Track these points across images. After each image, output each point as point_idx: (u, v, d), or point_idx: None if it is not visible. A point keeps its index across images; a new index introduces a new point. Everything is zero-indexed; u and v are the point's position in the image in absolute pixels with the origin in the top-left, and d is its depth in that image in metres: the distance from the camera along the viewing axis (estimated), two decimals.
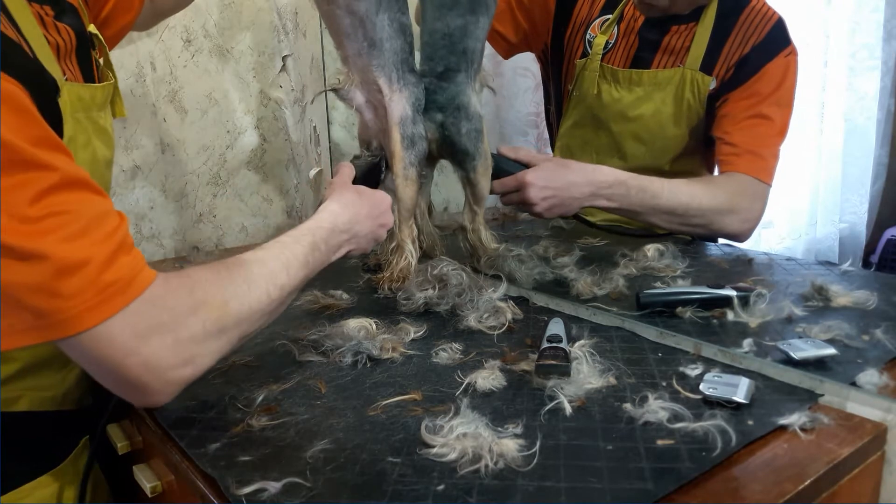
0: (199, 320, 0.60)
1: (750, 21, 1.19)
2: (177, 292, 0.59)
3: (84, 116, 0.75)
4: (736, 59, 1.19)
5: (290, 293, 0.73)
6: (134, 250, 0.58)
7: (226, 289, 0.63)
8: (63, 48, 0.73)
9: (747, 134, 1.18)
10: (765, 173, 1.17)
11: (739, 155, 1.17)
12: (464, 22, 1.03)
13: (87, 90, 0.76)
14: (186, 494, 0.66)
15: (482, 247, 1.11)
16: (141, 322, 0.56)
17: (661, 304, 0.91)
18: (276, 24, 1.50)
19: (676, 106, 1.23)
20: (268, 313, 0.69)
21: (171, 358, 0.58)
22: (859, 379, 0.70)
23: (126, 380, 0.57)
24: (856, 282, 1.01)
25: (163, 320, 0.57)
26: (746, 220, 1.17)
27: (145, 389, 0.58)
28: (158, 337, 0.57)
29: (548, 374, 0.72)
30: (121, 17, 0.92)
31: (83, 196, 0.56)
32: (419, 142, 1.02)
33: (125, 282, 0.55)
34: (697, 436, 0.63)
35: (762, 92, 1.18)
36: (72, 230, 0.54)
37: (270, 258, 0.71)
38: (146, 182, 1.38)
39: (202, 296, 0.61)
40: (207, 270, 0.64)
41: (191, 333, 0.59)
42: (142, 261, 0.58)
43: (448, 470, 0.59)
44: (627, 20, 1.27)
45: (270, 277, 0.69)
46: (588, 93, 1.29)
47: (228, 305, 0.63)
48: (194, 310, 0.60)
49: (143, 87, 1.35)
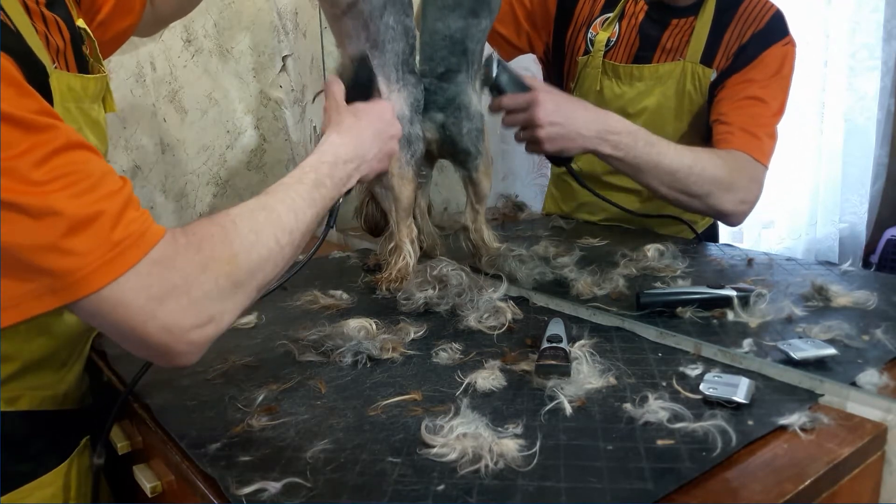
0: (211, 278, 0.59)
1: (749, 12, 1.20)
2: (185, 252, 0.58)
3: (75, 107, 0.75)
4: (735, 48, 1.20)
5: (304, 235, 0.71)
6: (141, 208, 0.58)
7: (233, 242, 0.62)
8: (53, 40, 0.73)
9: (742, 114, 1.17)
10: (760, 152, 1.14)
11: (734, 133, 1.15)
12: (465, 23, 1.03)
13: (79, 80, 0.75)
14: (186, 494, 0.66)
15: (484, 246, 1.11)
16: (153, 284, 0.56)
17: (661, 304, 0.91)
18: (276, 24, 1.50)
19: (678, 99, 1.24)
20: (282, 259, 0.67)
21: (191, 318, 0.58)
22: (859, 379, 0.70)
23: (149, 344, 0.57)
24: (856, 282, 1.01)
25: (175, 282, 0.57)
26: (743, 201, 1.13)
27: (170, 352, 0.58)
28: (173, 299, 0.57)
29: (548, 374, 0.72)
30: (120, 20, 0.92)
31: (87, 156, 0.56)
32: (416, 142, 1.02)
33: (136, 236, 0.55)
34: (697, 436, 0.63)
35: (758, 77, 1.18)
36: (81, 187, 0.54)
37: (275, 202, 0.69)
38: (146, 182, 1.38)
39: (210, 252, 0.60)
40: (213, 224, 0.63)
41: (204, 292, 0.59)
42: (150, 217, 0.58)
43: (448, 470, 0.59)
44: (628, 17, 1.28)
45: (278, 223, 0.67)
46: (590, 90, 1.30)
47: (238, 259, 0.62)
48: (204, 267, 0.59)
49: (143, 87, 1.35)
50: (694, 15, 1.22)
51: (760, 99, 1.18)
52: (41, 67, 0.68)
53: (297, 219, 0.70)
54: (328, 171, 0.77)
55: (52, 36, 0.73)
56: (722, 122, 1.18)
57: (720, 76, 1.21)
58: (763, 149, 1.15)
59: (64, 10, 0.77)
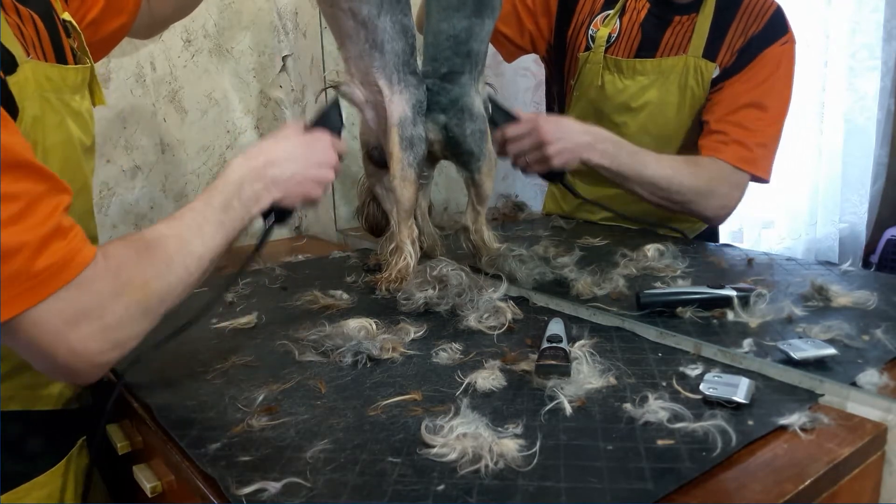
0: (123, 304, 0.61)
1: (751, 10, 1.21)
2: (103, 276, 0.60)
3: (55, 97, 0.75)
4: (739, 44, 1.20)
5: (213, 260, 0.72)
6: (71, 232, 0.59)
7: (146, 269, 0.64)
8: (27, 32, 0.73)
9: (735, 124, 1.19)
10: (746, 163, 1.19)
11: (726, 143, 1.19)
12: (469, 24, 1.03)
13: (57, 71, 0.75)
14: (186, 494, 0.66)
15: (485, 247, 1.11)
16: (69, 308, 0.57)
17: (661, 304, 0.91)
18: (276, 24, 1.50)
19: (680, 94, 1.24)
20: (189, 285, 0.69)
21: (99, 343, 0.60)
22: (859, 379, 0.70)
23: (55, 365, 0.59)
24: (856, 282, 1.01)
25: (90, 306, 0.59)
26: (723, 206, 1.21)
27: (73, 373, 0.60)
28: (86, 324, 0.58)
29: (548, 374, 0.72)
30: (111, 20, 0.91)
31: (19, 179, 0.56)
32: (418, 143, 1.02)
33: (57, 267, 0.56)
34: (697, 436, 0.63)
35: (755, 80, 1.19)
36: (7, 215, 0.54)
37: (184, 229, 0.70)
38: (146, 182, 1.38)
39: (126, 277, 0.62)
40: (129, 248, 0.64)
41: (116, 318, 0.61)
42: (78, 242, 0.59)
43: (448, 470, 0.59)
44: (630, 13, 1.28)
45: (188, 250, 0.68)
46: (591, 85, 1.30)
47: (150, 286, 0.64)
48: (118, 294, 0.61)
49: (143, 87, 1.35)
50: (696, 12, 1.23)
51: (758, 105, 1.19)
52: (9, 57, 0.68)
53: (206, 245, 0.70)
54: (234, 191, 0.76)
55: (26, 28, 0.73)
56: (714, 130, 1.21)
57: (722, 75, 1.21)
58: (750, 159, 1.19)
59: (41, 5, 0.76)
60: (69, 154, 0.77)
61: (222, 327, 0.94)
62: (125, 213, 1.36)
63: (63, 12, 0.80)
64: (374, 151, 1.09)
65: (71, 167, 0.78)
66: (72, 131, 0.77)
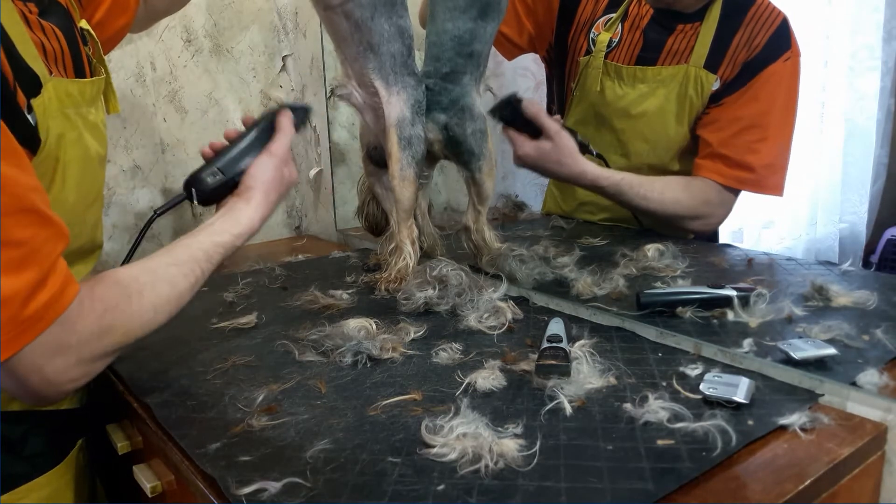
0: (103, 344, 0.63)
1: (755, 22, 1.19)
2: (88, 316, 0.61)
3: (74, 112, 0.75)
4: (741, 60, 1.19)
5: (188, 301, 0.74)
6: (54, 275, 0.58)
7: (132, 318, 0.66)
8: (49, 47, 0.73)
9: (729, 141, 1.21)
10: (736, 182, 1.22)
11: (715, 161, 1.22)
12: (473, 26, 1.03)
13: (76, 85, 0.76)
14: (186, 494, 0.66)
15: (486, 247, 1.11)
16: (50, 343, 0.58)
17: (662, 304, 0.91)
18: (276, 24, 1.50)
19: (679, 103, 1.23)
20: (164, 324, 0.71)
21: (72, 374, 0.61)
22: (859, 379, 0.70)
23: (25, 389, 0.60)
24: (856, 282, 1.01)
25: (70, 342, 0.60)
26: (708, 224, 1.28)
27: (42, 398, 0.62)
28: (63, 357, 0.60)
29: (548, 374, 0.72)
30: (116, 19, 0.92)
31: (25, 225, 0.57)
32: (417, 143, 1.02)
33: (44, 309, 0.57)
34: (697, 436, 0.63)
35: (757, 99, 1.19)
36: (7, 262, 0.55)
37: (181, 277, 0.72)
38: (146, 182, 1.38)
39: (110, 321, 0.63)
40: (120, 292, 0.65)
41: (93, 354, 0.62)
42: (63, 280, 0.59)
43: (448, 470, 0.59)
44: (632, 18, 1.27)
45: (177, 300, 0.71)
46: (591, 90, 1.29)
47: (132, 333, 0.66)
48: (100, 336, 0.62)
49: (143, 87, 1.35)
50: (700, 20, 1.22)
51: (761, 125, 1.19)
52: (34, 77, 0.69)
53: (192, 293, 0.73)
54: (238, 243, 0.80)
55: (50, 42, 0.73)
56: (712, 152, 1.22)
57: (723, 88, 1.20)
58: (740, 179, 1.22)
59: (60, 17, 0.77)
60: (86, 167, 0.78)
61: (222, 327, 0.94)
62: (125, 213, 1.36)
63: (80, 20, 0.81)
64: (374, 151, 1.09)
65: (88, 180, 0.79)
66: (89, 144, 0.78)
